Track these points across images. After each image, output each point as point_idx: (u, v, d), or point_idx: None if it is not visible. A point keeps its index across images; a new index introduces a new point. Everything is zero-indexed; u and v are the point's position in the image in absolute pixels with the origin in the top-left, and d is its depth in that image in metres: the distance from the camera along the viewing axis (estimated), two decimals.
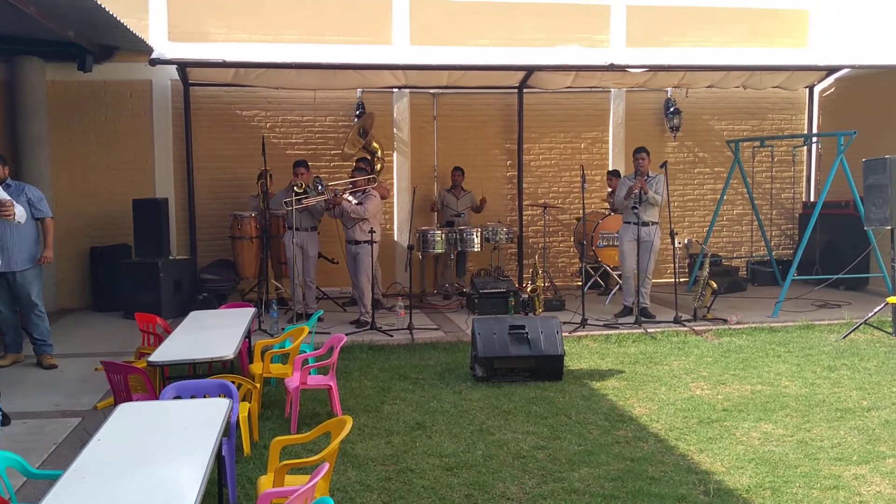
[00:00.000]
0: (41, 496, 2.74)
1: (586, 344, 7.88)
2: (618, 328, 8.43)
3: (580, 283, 9.42)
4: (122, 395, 4.87)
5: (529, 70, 10.29)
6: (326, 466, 3.12)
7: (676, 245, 9.03)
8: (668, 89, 11.43)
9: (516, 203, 11.14)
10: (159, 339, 5.91)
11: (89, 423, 5.44)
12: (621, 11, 11.21)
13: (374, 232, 8.47)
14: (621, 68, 9.68)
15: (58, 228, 8.20)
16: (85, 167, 10.19)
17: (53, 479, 2.92)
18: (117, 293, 9.53)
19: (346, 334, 7.37)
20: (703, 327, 8.43)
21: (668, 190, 8.91)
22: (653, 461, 4.77)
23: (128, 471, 2.99)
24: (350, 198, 8.59)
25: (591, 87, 11.03)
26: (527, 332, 6.57)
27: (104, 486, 2.85)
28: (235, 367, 5.93)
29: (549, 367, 6.50)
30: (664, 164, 8.83)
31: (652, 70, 10.04)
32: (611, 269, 10.27)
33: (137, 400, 4.72)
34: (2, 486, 3.14)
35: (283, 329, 7.19)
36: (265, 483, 3.55)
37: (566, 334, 7.81)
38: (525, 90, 10.88)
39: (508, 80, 10.67)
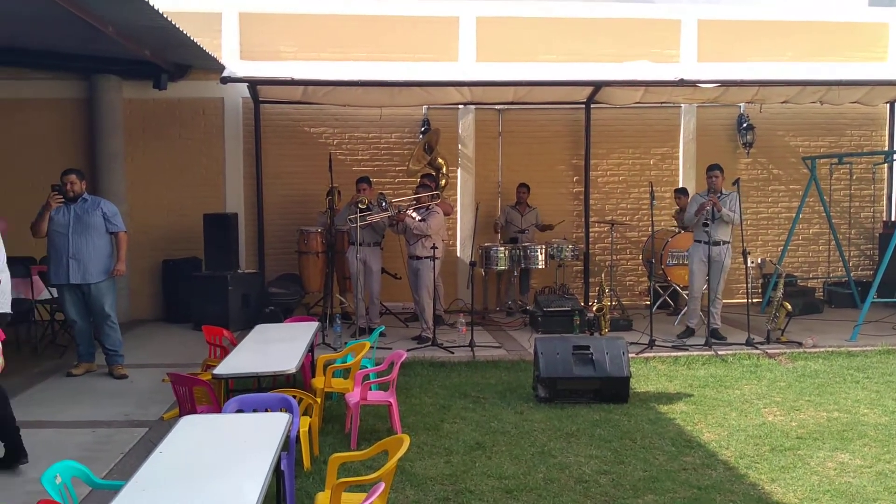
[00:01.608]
0: None
1: (654, 366, 7.68)
2: (687, 350, 8.20)
3: (648, 303, 9.21)
4: (187, 406, 4.94)
5: (597, 85, 10.16)
6: (382, 486, 3.09)
7: (749, 265, 8.75)
8: (741, 105, 11.14)
9: (583, 220, 10.99)
10: (225, 352, 6.00)
11: (156, 434, 5.53)
12: (692, 26, 11.00)
13: (437, 248, 8.45)
14: (692, 83, 9.47)
15: (131, 242, 8.43)
16: (158, 182, 10.48)
17: (116, 490, 2.95)
18: (187, 305, 9.75)
19: (408, 350, 7.38)
20: (777, 350, 8.13)
21: (741, 208, 8.65)
22: (721, 490, 4.59)
23: (187, 483, 3.02)
24: (413, 214, 8.60)
25: (660, 103, 10.83)
26: (591, 353, 6.43)
27: (164, 498, 2.87)
28: (298, 380, 5.96)
29: (615, 389, 6.35)
30: (737, 182, 8.59)
31: (724, 85, 9.80)
32: (680, 288, 10.01)
33: (202, 412, 4.79)
34: (67, 495, 3.19)
35: (346, 343, 7.22)
36: (322, 500, 3.53)
37: (633, 355, 7.63)
38: (593, 106, 10.75)
39: (576, 96, 10.56)
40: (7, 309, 5.09)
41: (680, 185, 10.96)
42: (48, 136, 10.24)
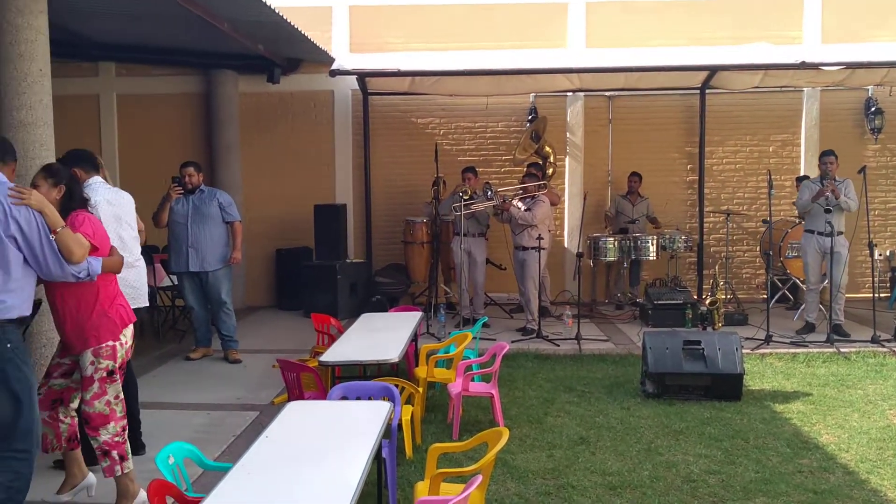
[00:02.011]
0: (213, 487, 2.86)
1: (770, 362, 7.33)
2: (806, 346, 7.78)
3: (765, 296, 8.80)
4: (295, 392, 5.07)
5: (713, 70, 9.76)
6: (480, 478, 3.05)
7: (877, 257, 8.22)
8: (869, 88, 10.45)
9: (696, 209, 10.61)
10: (332, 339, 6.12)
11: (266, 418, 5.70)
12: (816, 5, 10.41)
13: (543, 238, 8.34)
14: (814, 66, 8.96)
15: (246, 232, 8.73)
16: (272, 174, 10.81)
17: (225, 472, 3.05)
18: (298, 293, 10.04)
19: (512, 342, 7.33)
20: None
21: (866, 196, 8.13)
22: (839, 495, 4.32)
23: (291, 467, 3.08)
24: (519, 203, 8.52)
25: (781, 87, 10.30)
26: (703, 348, 6.18)
27: (268, 481, 2.95)
28: (402, 369, 6.01)
29: (727, 386, 6.09)
30: (863, 170, 8.07)
31: (849, 67, 9.21)
32: (800, 281, 9.52)
33: (309, 398, 4.91)
34: (179, 475, 3.32)
35: (450, 334, 7.24)
36: (421, 489, 3.54)
37: (748, 351, 7.31)
38: (708, 91, 10.34)
39: (690, 81, 10.18)
40: (143, 303, 5.28)
41: (801, 174, 10.41)
42: (169, 130, 10.74)
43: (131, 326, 4.24)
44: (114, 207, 4.94)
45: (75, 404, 4.17)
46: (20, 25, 5.72)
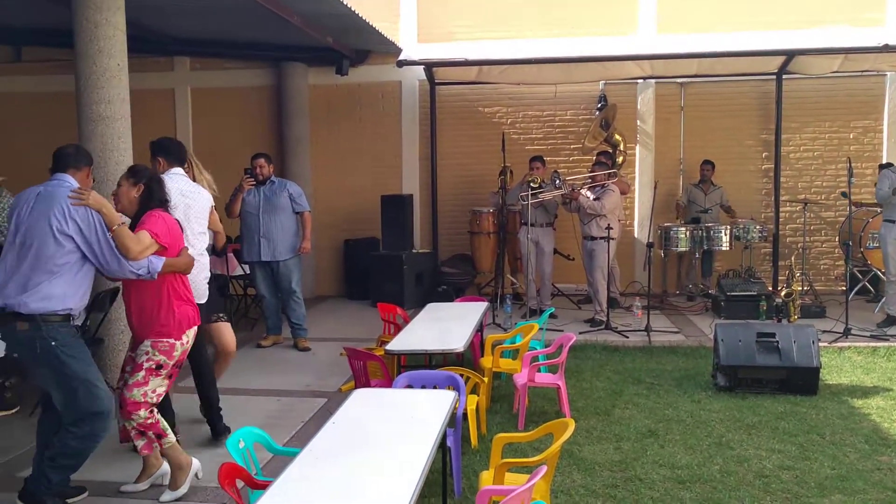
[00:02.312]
0: (281, 472, 2.92)
1: (849, 356, 7.07)
2: (887, 340, 7.48)
3: (844, 288, 8.48)
4: (361, 379, 5.13)
5: (790, 54, 9.44)
6: (544, 469, 3.03)
7: None
8: None
9: (772, 199, 10.29)
10: (398, 329, 6.16)
11: (333, 404, 5.77)
12: None
13: (612, 228, 8.22)
14: None
15: (315, 222, 8.85)
16: (340, 165, 10.93)
17: (293, 457, 3.11)
18: (366, 283, 10.14)
19: (580, 333, 7.27)
20: None
21: None
22: None
23: (357, 453, 3.12)
24: (587, 193, 8.41)
25: (862, 71, 9.90)
26: (777, 341, 6.00)
27: (335, 466, 2.99)
28: (467, 359, 6.02)
29: (802, 380, 5.90)
30: None
31: None
32: (881, 272, 9.15)
33: (375, 385, 4.96)
34: (249, 460, 3.39)
35: (516, 324, 7.20)
36: (486, 479, 3.54)
37: (825, 344, 7.07)
38: (784, 76, 10.00)
39: (765, 66, 9.87)
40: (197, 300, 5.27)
41: (884, 161, 9.99)
42: (241, 122, 10.96)
43: (195, 329, 4.32)
44: (186, 199, 5.01)
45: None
46: (98, 22, 5.91)
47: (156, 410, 4.16)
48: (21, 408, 5.80)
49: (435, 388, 4.26)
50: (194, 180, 5.27)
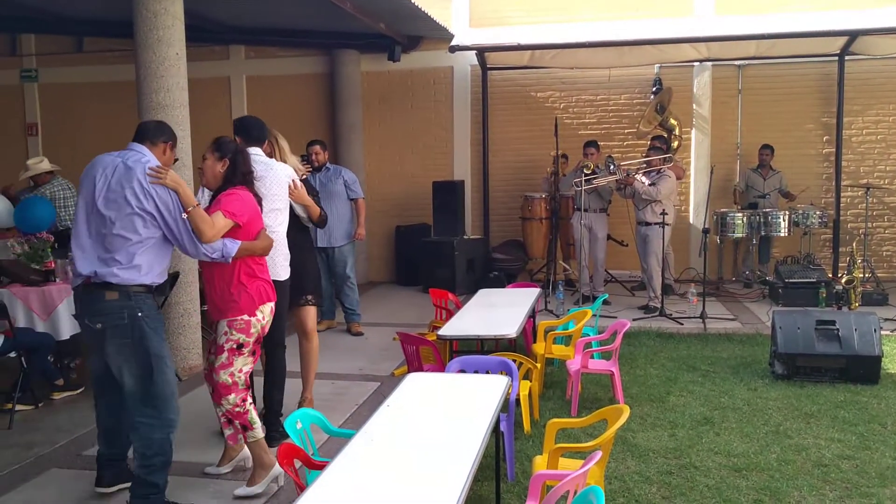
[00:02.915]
0: (337, 452, 2.96)
1: None
2: None
3: None
4: (414, 364, 5.17)
5: (853, 35, 9.15)
6: (599, 454, 3.02)
7: None
8: None
9: (833, 183, 10.02)
10: (450, 314, 6.19)
11: (386, 388, 5.85)
12: None
13: (667, 214, 8.10)
14: None
15: (368, 209, 8.90)
16: (392, 152, 10.98)
17: (348, 438, 3.15)
18: (417, 269, 10.20)
19: (633, 319, 7.20)
20: None
21: None
22: None
23: (411, 436, 3.15)
24: (643, 178, 8.31)
25: None
26: (837, 328, 5.87)
27: (389, 448, 3.03)
28: (519, 345, 6.01)
29: (863, 369, 5.76)
30: None
31: None
32: None
33: (427, 370, 4.98)
34: (306, 440, 3.45)
35: (568, 311, 7.17)
36: (540, 463, 3.54)
37: (887, 332, 6.88)
38: (847, 57, 9.70)
39: (827, 48, 9.59)
40: (275, 276, 4.98)
41: None
42: (295, 109, 11.08)
43: (271, 305, 4.25)
44: (256, 182, 5.03)
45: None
46: (158, 11, 6.03)
47: (249, 401, 4.12)
48: (86, 388, 5.99)
49: (487, 373, 4.27)
50: (282, 161, 5.24)
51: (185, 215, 3.81)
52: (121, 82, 10.68)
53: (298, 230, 5.32)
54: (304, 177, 7.52)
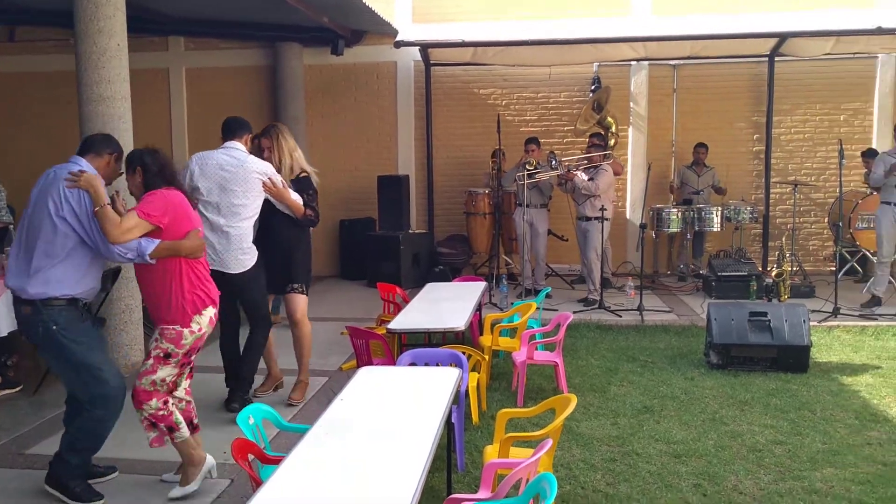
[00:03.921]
0: (290, 447, 3.00)
1: (838, 335, 7.23)
2: (875, 319, 7.65)
3: (833, 269, 8.64)
4: (363, 358, 5.22)
5: (782, 37, 9.53)
6: (550, 442, 3.13)
7: None
8: None
9: (763, 180, 10.41)
10: (398, 308, 6.25)
11: (334, 383, 5.89)
12: None
13: (605, 209, 8.32)
14: (891, 31, 8.68)
15: None
16: (336, 145, 10.97)
17: (301, 433, 3.19)
18: (362, 263, 10.21)
19: (574, 312, 7.36)
20: None
21: None
22: None
23: (366, 429, 3.19)
24: (582, 174, 8.50)
25: (853, 54, 10.00)
26: (769, 320, 6.14)
27: (346, 442, 3.06)
28: (466, 338, 6.13)
29: (793, 358, 6.04)
30: None
31: None
32: (871, 253, 9.30)
33: (377, 364, 5.04)
34: (258, 435, 3.48)
35: (512, 304, 7.31)
36: (491, 453, 3.64)
37: (815, 323, 7.22)
38: (777, 58, 10.09)
39: (757, 49, 9.96)
40: (225, 268, 5.08)
41: (874, 144, 10.13)
42: (237, 102, 10.92)
43: (210, 312, 4.06)
44: (222, 172, 5.02)
45: (180, 392, 4.14)
46: (99, 2, 5.92)
47: (171, 401, 4.01)
48: (24, 386, 5.87)
49: (438, 365, 4.35)
50: (279, 159, 5.35)
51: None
52: (57, 72, 10.42)
53: (291, 224, 5.47)
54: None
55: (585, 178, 8.48)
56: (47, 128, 10.43)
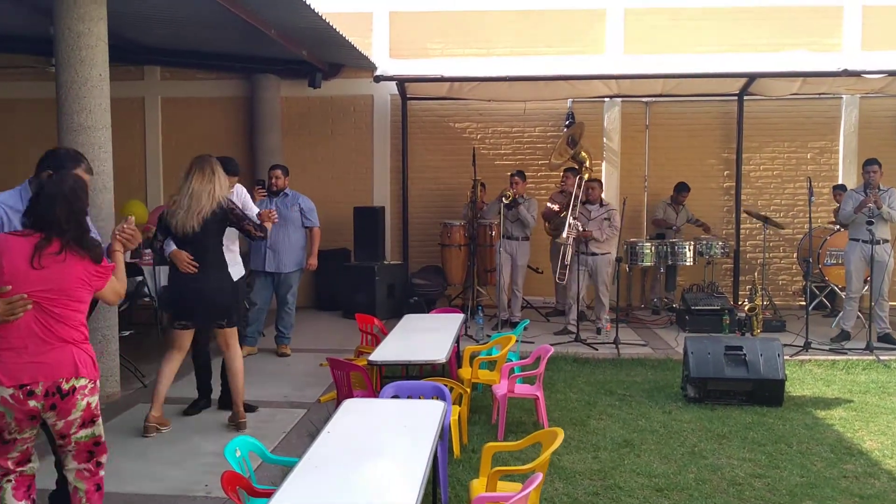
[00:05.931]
0: (275, 479, 2.97)
1: (809, 369, 7.35)
2: (846, 353, 7.79)
3: (803, 303, 8.80)
4: (343, 390, 5.18)
5: (751, 77, 9.79)
6: (540, 477, 3.14)
7: None
8: None
9: (733, 216, 10.61)
10: (376, 340, 6.24)
11: (314, 415, 5.85)
12: (856, 12, 10.39)
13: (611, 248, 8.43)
14: (856, 74, 8.95)
15: None
16: (312, 177, 10.95)
17: (287, 465, 3.16)
18: (337, 294, 10.18)
19: (552, 345, 7.39)
20: None
21: None
22: (886, 500, 4.37)
23: (356, 462, 3.17)
24: (597, 234, 8.58)
25: (819, 94, 10.30)
26: (745, 354, 6.22)
27: (336, 475, 3.04)
28: (445, 370, 6.10)
29: (769, 392, 6.13)
30: None
31: (892, 75, 9.19)
32: (839, 288, 9.50)
33: (357, 396, 5.01)
34: (245, 467, 3.44)
35: (488, 336, 7.32)
36: (478, 487, 3.63)
37: (787, 357, 7.30)
38: (746, 97, 10.36)
39: (728, 88, 10.22)
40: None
41: (839, 181, 10.40)
42: (213, 133, 10.94)
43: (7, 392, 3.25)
44: None
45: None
46: (81, 32, 5.93)
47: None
48: None
49: (420, 398, 4.35)
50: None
51: None
52: (34, 100, 10.35)
53: (214, 259, 5.41)
54: (259, 200, 7.38)
55: (603, 227, 8.59)
56: (24, 154, 10.29)
